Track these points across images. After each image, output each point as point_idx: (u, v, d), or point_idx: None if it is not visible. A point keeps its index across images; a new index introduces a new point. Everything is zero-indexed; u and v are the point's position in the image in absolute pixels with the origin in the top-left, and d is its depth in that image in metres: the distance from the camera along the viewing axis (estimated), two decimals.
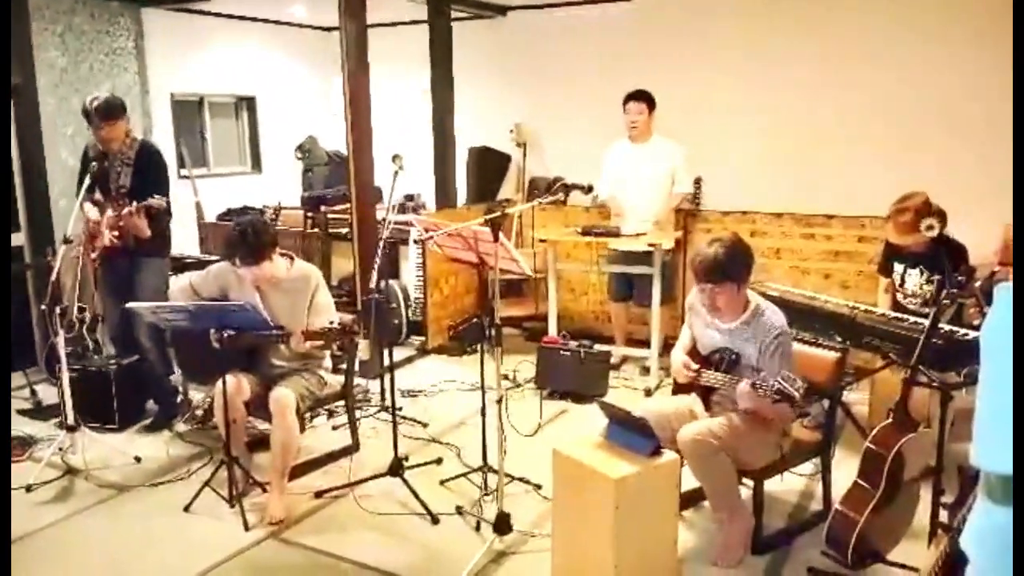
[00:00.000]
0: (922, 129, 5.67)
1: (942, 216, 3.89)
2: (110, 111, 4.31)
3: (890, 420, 2.91)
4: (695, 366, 3.30)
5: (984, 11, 5.37)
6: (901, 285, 4.19)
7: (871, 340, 3.74)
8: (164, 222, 4.50)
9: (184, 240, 6.06)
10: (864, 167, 5.81)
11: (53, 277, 4.01)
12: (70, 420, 4.09)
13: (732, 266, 3.09)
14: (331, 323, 3.55)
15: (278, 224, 6.10)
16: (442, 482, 3.85)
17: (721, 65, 6.33)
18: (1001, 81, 5.14)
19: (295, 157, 7.99)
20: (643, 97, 5.21)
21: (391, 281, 6.02)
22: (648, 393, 5.05)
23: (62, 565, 3.28)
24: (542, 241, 5.57)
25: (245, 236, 3.61)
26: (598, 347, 5.09)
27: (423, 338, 5.98)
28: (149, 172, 4.41)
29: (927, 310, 3.98)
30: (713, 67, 6.35)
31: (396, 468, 3.76)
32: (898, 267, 4.21)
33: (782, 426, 3.22)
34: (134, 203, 4.23)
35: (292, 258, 3.90)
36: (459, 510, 3.59)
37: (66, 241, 4.06)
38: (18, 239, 5.63)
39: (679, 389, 3.47)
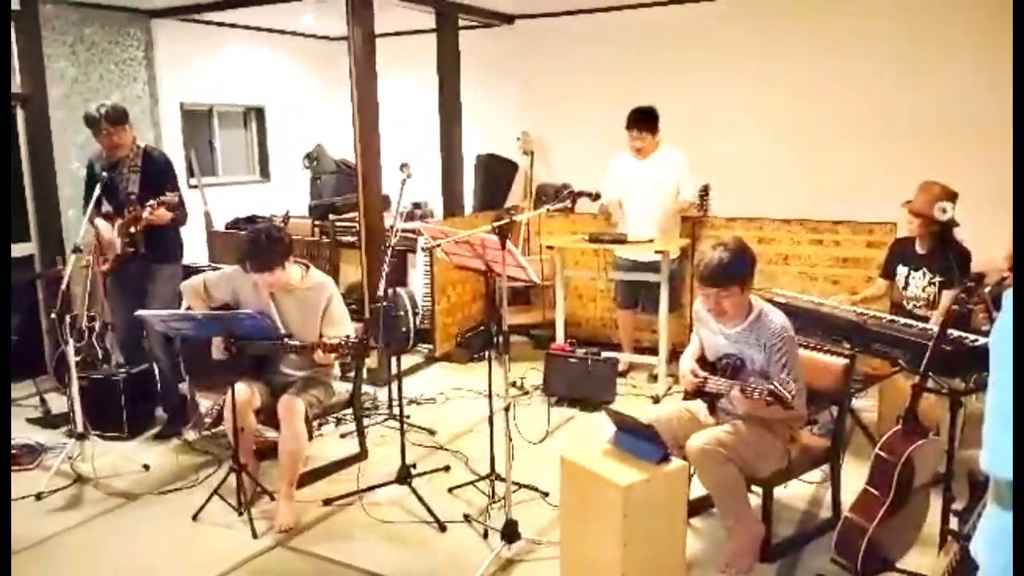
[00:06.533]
0: (931, 136, 5.66)
1: (955, 221, 4.01)
2: (119, 116, 4.37)
3: (899, 427, 2.90)
4: (702, 373, 3.29)
5: (993, 18, 5.36)
6: (904, 288, 4.21)
7: (880, 346, 3.73)
8: (180, 220, 4.52)
9: (193, 249, 6.08)
10: (872, 173, 5.80)
11: (63, 286, 4.03)
12: (79, 428, 4.11)
13: (736, 269, 3.10)
14: (348, 337, 3.55)
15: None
16: (450, 490, 3.85)
17: (728, 72, 6.34)
18: (1010, 86, 5.13)
19: (303, 166, 8.02)
20: (643, 125, 5.14)
21: (399, 289, 6.03)
22: (656, 400, 5.03)
23: (71, 573, 3.29)
24: (549, 248, 5.57)
25: (258, 243, 3.61)
26: (605, 354, 5.08)
27: (431, 346, 5.99)
28: (157, 174, 4.44)
29: (930, 313, 4.01)
30: (720, 74, 6.36)
31: (404, 476, 3.77)
32: (902, 270, 4.24)
33: (788, 432, 3.21)
34: (152, 200, 4.26)
35: (307, 267, 3.89)
36: (467, 518, 3.58)
37: (76, 250, 4.09)
38: (28, 248, 5.67)
39: (689, 397, 3.46)
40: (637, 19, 6.61)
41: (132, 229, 4.32)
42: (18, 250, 5.53)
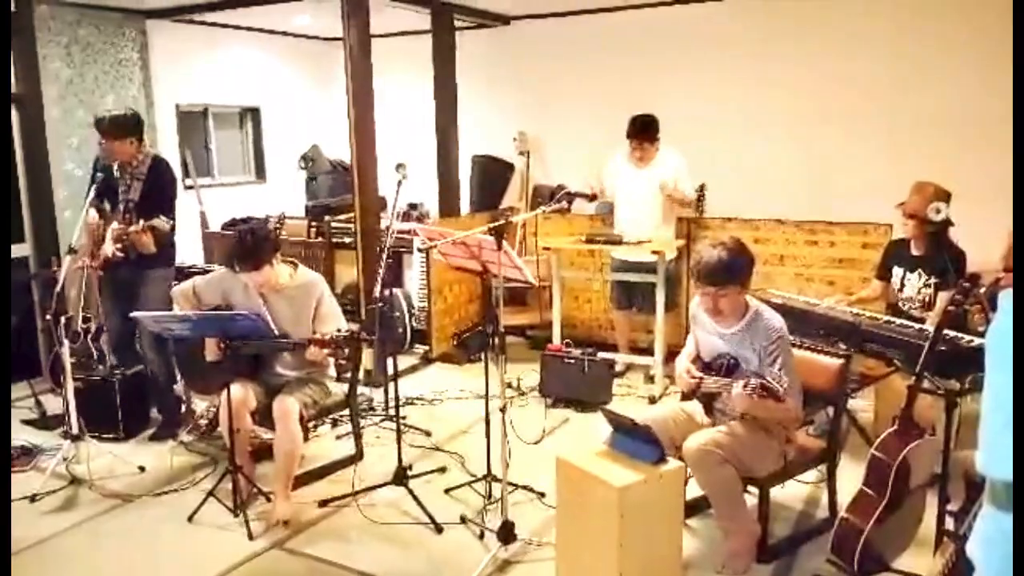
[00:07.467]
0: (930, 136, 5.67)
1: (950, 221, 4.02)
2: (112, 128, 4.27)
3: (895, 427, 2.90)
4: (698, 374, 3.29)
5: (993, 18, 5.37)
6: (900, 289, 4.22)
7: (875, 347, 3.73)
8: (168, 237, 4.50)
9: (188, 250, 6.08)
10: (872, 173, 5.81)
11: (58, 287, 4.02)
12: (74, 430, 4.10)
13: (736, 268, 3.10)
14: (339, 331, 3.55)
15: (282, 233, 6.11)
16: (446, 491, 3.84)
17: (725, 73, 6.35)
18: (1006, 88, 5.14)
19: (299, 167, 8.01)
20: (644, 136, 5.14)
21: (395, 290, 6.02)
22: (652, 401, 5.03)
23: (66, 575, 3.28)
24: (546, 249, 5.57)
25: (244, 242, 3.61)
26: (602, 355, 5.08)
27: (427, 346, 5.98)
28: (158, 188, 4.38)
29: (926, 315, 4.02)
30: (717, 75, 6.37)
31: (400, 477, 3.76)
32: (897, 271, 4.25)
33: (784, 432, 3.22)
34: (141, 221, 4.22)
35: (296, 265, 3.90)
36: (463, 519, 3.58)
37: (71, 251, 4.07)
38: (23, 250, 5.65)
39: (686, 398, 3.46)
40: (634, 20, 6.61)
41: (124, 237, 4.29)
42: (13, 251, 5.51)
